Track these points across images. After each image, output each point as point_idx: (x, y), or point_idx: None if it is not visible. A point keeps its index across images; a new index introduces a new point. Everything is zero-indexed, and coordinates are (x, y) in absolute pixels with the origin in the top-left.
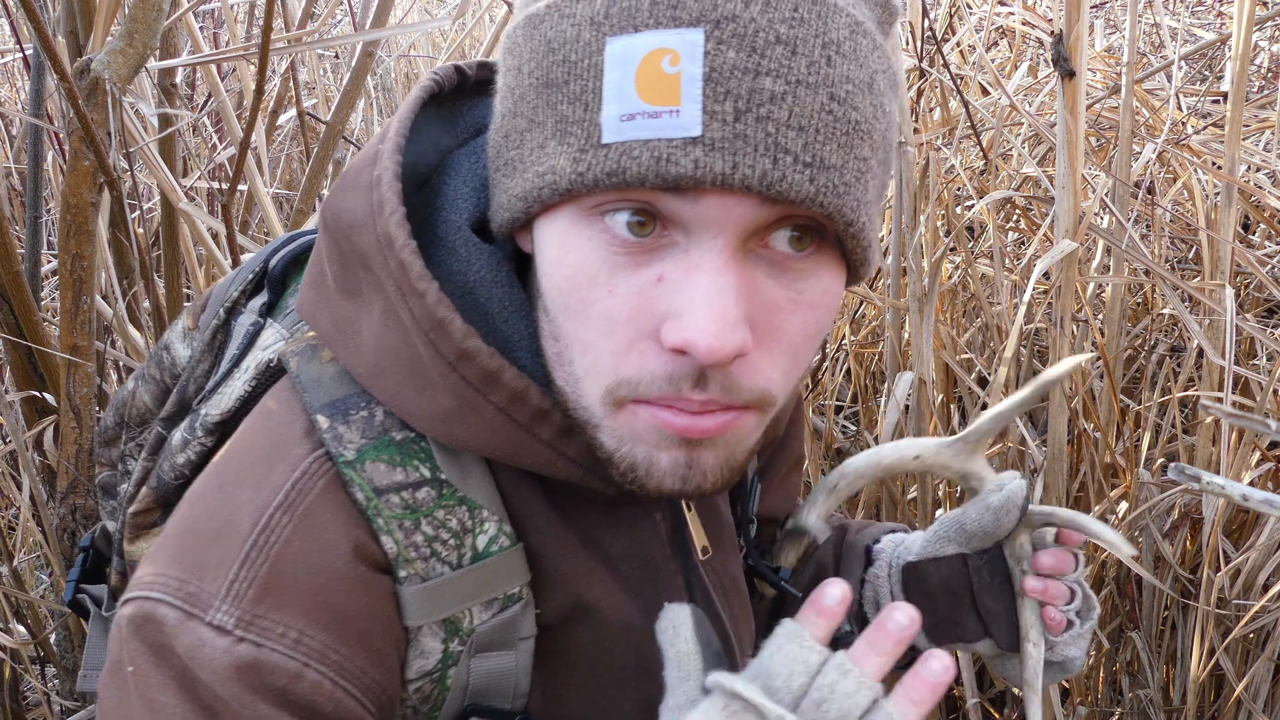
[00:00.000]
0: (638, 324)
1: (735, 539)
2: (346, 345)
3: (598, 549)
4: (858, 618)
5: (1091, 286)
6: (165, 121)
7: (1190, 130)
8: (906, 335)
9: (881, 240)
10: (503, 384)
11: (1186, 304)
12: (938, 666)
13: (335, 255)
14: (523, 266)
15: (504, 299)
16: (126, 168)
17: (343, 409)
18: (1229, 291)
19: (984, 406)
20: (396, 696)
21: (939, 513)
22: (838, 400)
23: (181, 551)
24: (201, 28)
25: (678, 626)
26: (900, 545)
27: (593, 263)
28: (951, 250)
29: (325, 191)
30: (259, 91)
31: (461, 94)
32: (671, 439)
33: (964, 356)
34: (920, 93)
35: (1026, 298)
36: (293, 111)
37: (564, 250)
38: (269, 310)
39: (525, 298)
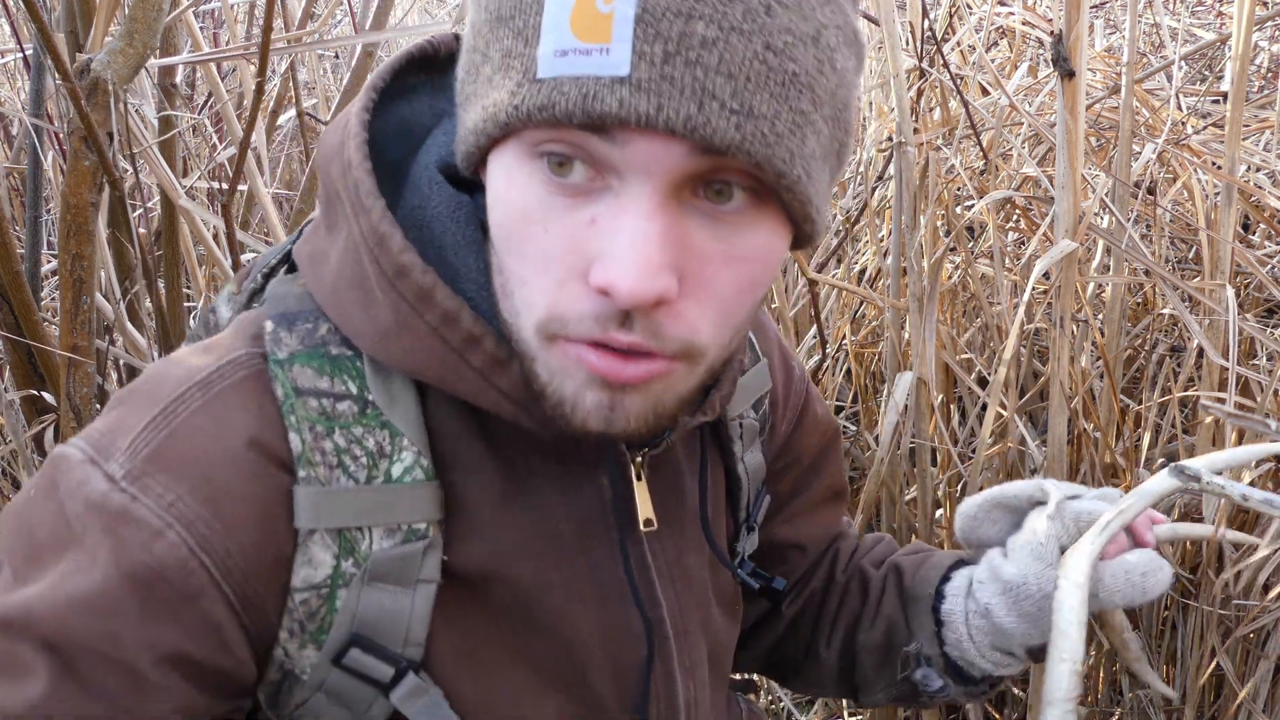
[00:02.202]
0: (569, 263)
1: (699, 534)
2: (315, 271)
3: (532, 502)
4: (948, 667)
5: (1091, 286)
6: (165, 122)
7: (1190, 130)
8: (906, 335)
9: (881, 240)
10: (435, 302)
11: (1186, 304)
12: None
13: (322, 194)
14: None
15: (457, 234)
16: (128, 168)
17: (291, 319)
18: (1229, 291)
19: (983, 407)
20: (269, 600)
21: (939, 513)
22: (838, 400)
23: (113, 411)
24: (201, 27)
25: None
26: (976, 588)
27: (531, 200)
28: (951, 250)
29: None
30: (259, 91)
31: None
32: (597, 380)
33: (964, 356)
34: (920, 93)
35: (1025, 298)
36: (293, 111)
37: (507, 186)
38: (292, 270)
39: (480, 235)
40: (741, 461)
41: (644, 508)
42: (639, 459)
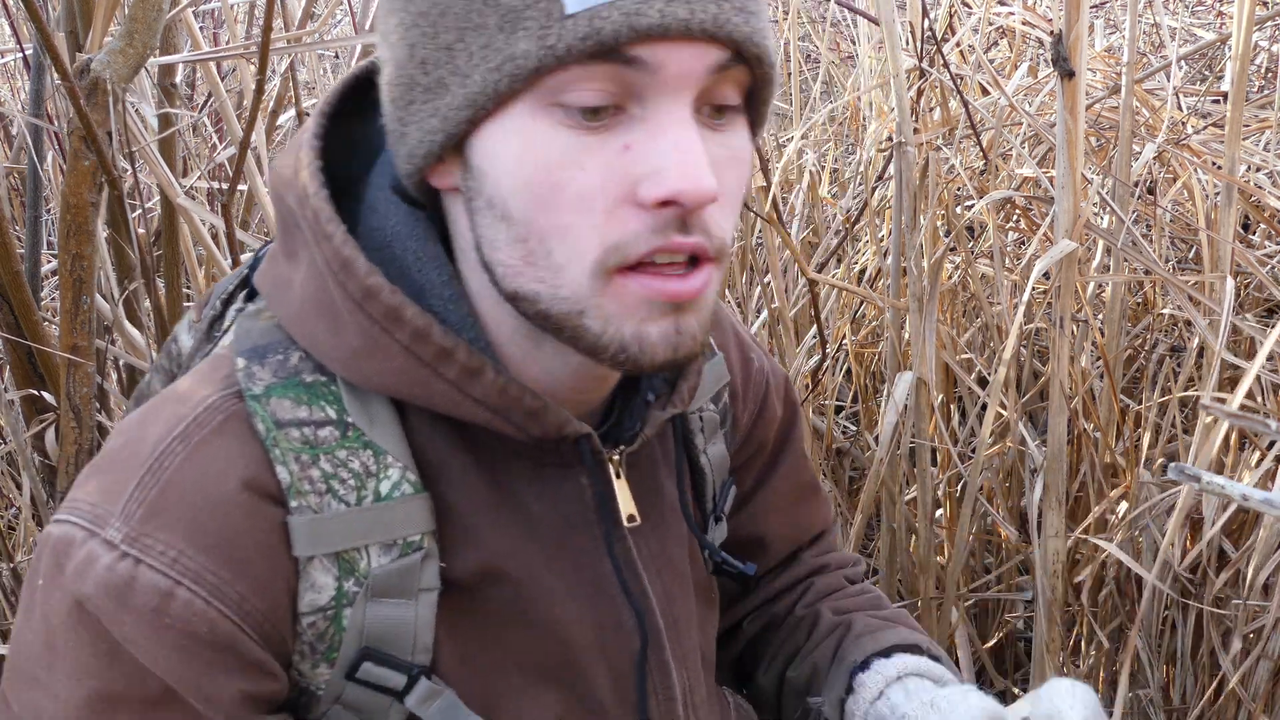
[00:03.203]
0: (612, 192)
1: (679, 520)
2: (280, 299)
3: (518, 506)
4: None
5: (1091, 286)
6: (165, 121)
7: (1190, 130)
8: (906, 335)
9: (881, 240)
10: (405, 321)
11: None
12: None
13: (279, 221)
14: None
15: (418, 250)
16: (127, 167)
17: (261, 353)
18: (1229, 283)
19: (983, 407)
20: (285, 630)
21: (939, 513)
22: (838, 400)
23: (98, 475)
24: (201, 27)
25: None
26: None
27: (559, 146)
28: (951, 250)
29: None
30: (259, 91)
31: None
32: (660, 307)
33: (964, 356)
34: (920, 93)
35: (1025, 298)
36: (293, 111)
37: (526, 145)
38: (250, 296)
39: (441, 250)
40: (704, 454)
41: (625, 504)
42: (616, 457)
